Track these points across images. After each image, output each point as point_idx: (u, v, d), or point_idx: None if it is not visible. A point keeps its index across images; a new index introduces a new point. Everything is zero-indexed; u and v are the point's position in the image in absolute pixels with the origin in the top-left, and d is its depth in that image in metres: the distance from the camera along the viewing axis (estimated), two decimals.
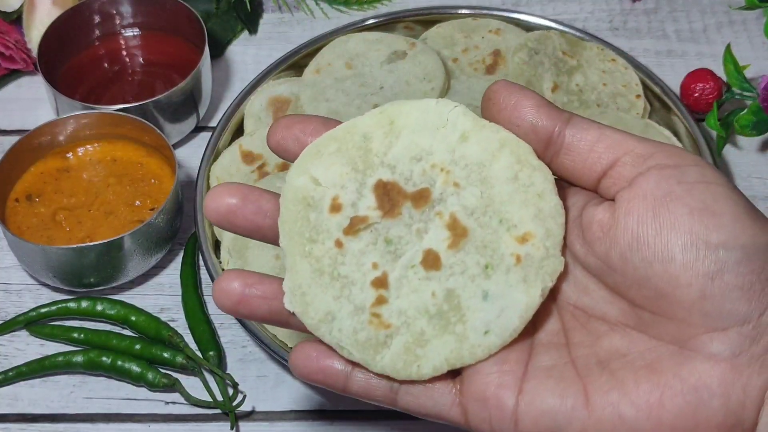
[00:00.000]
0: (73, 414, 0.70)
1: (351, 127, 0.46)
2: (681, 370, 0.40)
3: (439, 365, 0.44)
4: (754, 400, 0.39)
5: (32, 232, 0.75)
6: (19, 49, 0.89)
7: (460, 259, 0.45)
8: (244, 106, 0.83)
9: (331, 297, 0.45)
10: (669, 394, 0.39)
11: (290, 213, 0.45)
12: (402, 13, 0.90)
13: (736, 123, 0.80)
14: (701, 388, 0.39)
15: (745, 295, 0.39)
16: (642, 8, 0.96)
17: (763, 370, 0.39)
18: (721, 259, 0.39)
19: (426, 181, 0.46)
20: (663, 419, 0.39)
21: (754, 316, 0.39)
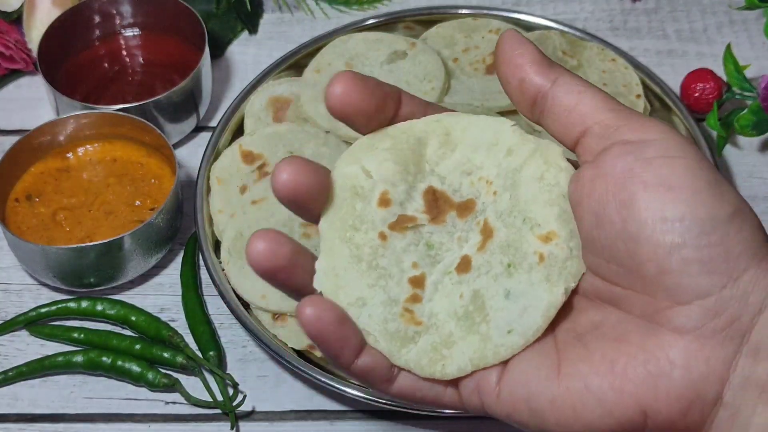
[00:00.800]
0: (73, 414, 0.70)
1: (407, 129, 0.46)
2: (646, 342, 0.40)
3: (464, 366, 0.44)
4: (717, 374, 0.39)
5: (32, 232, 0.75)
6: (19, 49, 0.89)
7: (486, 260, 0.45)
8: (244, 106, 0.83)
9: (366, 284, 0.44)
10: (632, 365, 0.40)
11: (336, 198, 0.45)
12: (402, 13, 0.90)
13: (737, 123, 0.80)
14: (663, 360, 0.39)
15: (705, 268, 0.39)
16: (642, 8, 0.96)
17: (727, 344, 0.39)
18: (678, 234, 0.39)
19: (472, 192, 0.46)
20: (625, 389, 0.40)
21: (715, 290, 0.39)
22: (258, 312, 0.71)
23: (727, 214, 0.39)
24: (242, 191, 0.76)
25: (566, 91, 0.43)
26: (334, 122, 0.79)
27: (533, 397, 0.42)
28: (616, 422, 0.40)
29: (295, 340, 0.70)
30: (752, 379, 0.39)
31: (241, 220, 0.74)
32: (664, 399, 0.39)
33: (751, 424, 0.39)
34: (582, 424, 0.41)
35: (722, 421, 0.39)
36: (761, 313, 0.39)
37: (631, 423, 0.40)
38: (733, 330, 0.39)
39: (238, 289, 0.71)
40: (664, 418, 0.40)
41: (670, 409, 0.39)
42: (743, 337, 0.39)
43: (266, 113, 0.83)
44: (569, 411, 0.41)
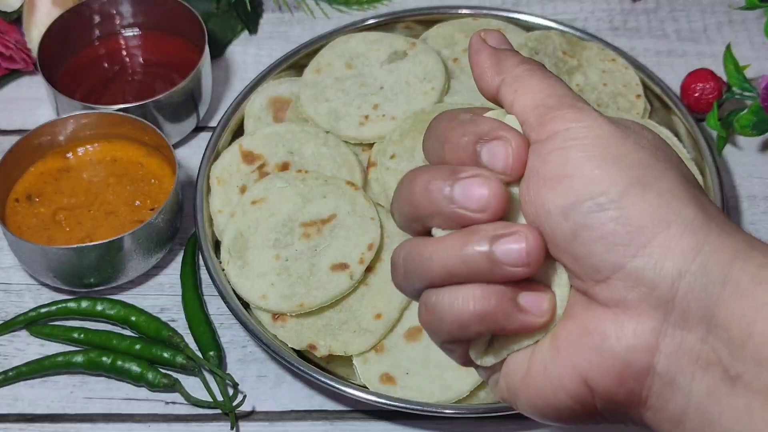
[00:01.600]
0: (73, 414, 0.70)
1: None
2: (582, 315, 0.42)
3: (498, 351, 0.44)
4: (645, 344, 0.40)
5: (32, 232, 0.75)
6: (19, 48, 0.89)
7: None
8: (244, 106, 0.83)
9: None
10: (574, 339, 0.41)
11: None
12: (402, 13, 0.90)
13: (737, 123, 0.80)
14: (595, 332, 0.41)
15: (608, 245, 0.40)
16: (642, 8, 0.96)
17: (651, 312, 0.40)
18: (574, 219, 0.40)
19: None
20: (569, 363, 0.41)
21: (625, 261, 0.40)
22: (258, 312, 0.71)
23: (621, 189, 0.40)
24: (242, 191, 0.76)
25: (506, 92, 0.45)
26: (333, 122, 0.79)
27: (510, 378, 0.44)
28: (567, 396, 0.42)
29: (295, 340, 0.70)
30: (684, 346, 0.40)
31: (241, 220, 0.74)
32: (598, 370, 0.41)
33: (692, 391, 0.40)
34: (544, 401, 0.43)
35: (661, 389, 0.40)
36: (681, 279, 0.39)
37: (581, 396, 0.42)
38: (654, 299, 0.40)
39: (238, 289, 0.71)
40: (603, 389, 0.41)
41: (605, 380, 0.41)
42: (667, 306, 0.40)
43: (266, 113, 0.83)
44: (532, 391, 0.43)
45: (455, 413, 0.66)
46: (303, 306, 0.70)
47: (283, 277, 0.71)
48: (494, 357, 0.44)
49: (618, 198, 0.40)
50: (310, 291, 0.70)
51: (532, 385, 0.43)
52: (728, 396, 0.39)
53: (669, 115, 0.83)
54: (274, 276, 0.71)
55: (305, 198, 0.74)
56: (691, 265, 0.39)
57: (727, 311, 0.38)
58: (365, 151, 0.79)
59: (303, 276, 0.71)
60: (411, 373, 0.68)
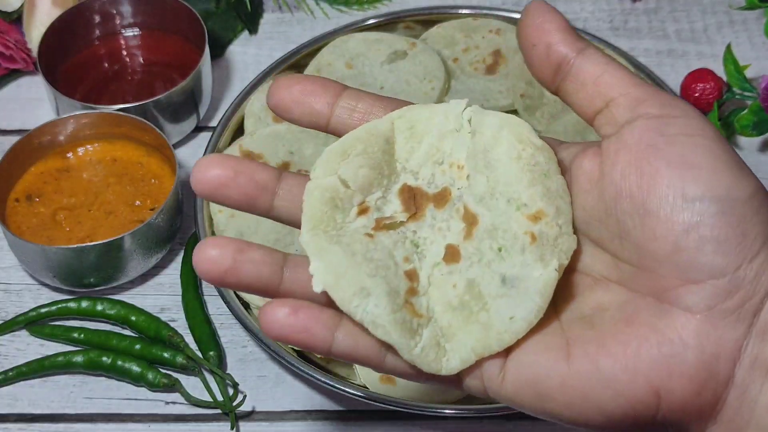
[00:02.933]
0: (73, 414, 0.70)
1: (373, 129, 0.46)
2: (657, 323, 0.40)
3: (466, 357, 0.43)
4: (728, 354, 0.39)
5: (32, 232, 0.75)
6: (19, 48, 0.89)
7: (476, 248, 0.44)
8: (244, 106, 0.83)
9: (366, 274, 0.43)
10: (645, 346, 0.40)
11: (316, 212, 0.44)
12: (402, 13, 0.90)
13: (737, 123, 0.80)
14: (676, 340, 0.39)
15: (720, 248, 0.39)
16: (642, 8, 0.96)
17: (738, 324, 0.39)
18: (696, 212, 0.39)
19: (446, 181, 0.46)
20: (638, 370, 0.40)
21: (729, 269, 0.39)
22: (258, 312, 0.71)
23: (746, 195, 0.40)
24: None
25: (592, 61, 0.44)
26: None
27: (540, 381, 0.41)
28: (627, 403, 0.40)
29: None
30: (760, 358, 0.39)
31: (240, 220, 0.74)
32: (678, 380, 0.39)
33: (758, 402, 0.39)
34: (593, 406, 0.40)
35: (733, 400, 0.40)
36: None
37: (644, 404, 0.40)
38: (744, 311, 0.39)
39: None
40: (677, 399, 0.40)
41: (683, 389, 0.39)
42: (754, 318, 0.39)
43: (266, 113, 0.83)
44: (579, 394, 0.41)
45: (455, 413, 0.66)
46: None
47: None
48: (462, 363, 0.43)
49: (741, 205, 0.40)
50: None
51: (578, 389, 0.41)
52: None
53: None
54: None
55: None
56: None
57: None
58: None
59: None
60: None
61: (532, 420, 0.69)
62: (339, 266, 0.43)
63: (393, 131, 0.46)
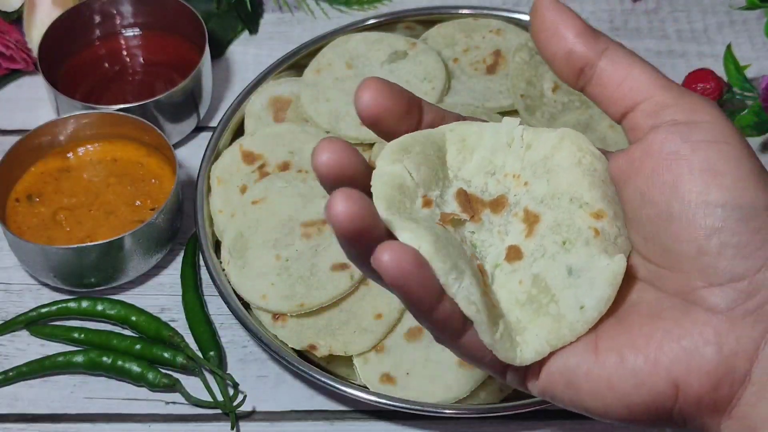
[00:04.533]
0: (74, 414, 0.70)
1: (427, 135, 0.47)
2: (681, 319, 0.41)
3: (541, 348, 0.44)
4: (746, 352, 0.41)
5: (33, 232, 0.75)
6: (19, 48, 0.89)
7: (539, 244, 0.45)
8: (244, 106, 0.83)
9: (457, 255, 0.43)
10: (667, 340, 0.41)
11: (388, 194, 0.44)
12: (402, 13, 0.90)
13: (737, 123, 0.80)
14: (697, 336, 0.41)
15: (741, 253, 0.40)
16: (643, 8, 0.96)
17: (757, 324, 0.41)
18: (719, 218, 0.41)
19: (501, 189, 0.47)
20: (660, 363, 0.41)
21: (749, 273, 0.40)
22: (258, 312, 0.71)
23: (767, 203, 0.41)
24: (242, 191, 0.76)
25: (616, 63, 0.44)
26: (334, 122, 0.79)
27: (569, 371, 0.43)
28: (648, 394, 0.41)
29: (295, 340, 0.70)
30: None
31: (241, 220, 0.74)
32: (696, 374, 0.41)
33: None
34: (616, 395, 0.42)
35: (749, 396, 0.41)
36: None
37: (664, 396, 0.41)
38: (763, 312, 0.40)
39: (238, 289, 0.71)
40: (695, 392, 0.41)
41: (701, 383, 0.41)
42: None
43: (267, 113, 0.83)
44: (604, 383, 0.42)
45: (455, 413, 0.66)
46: (303, 306, 0.70)
47: (284, 277, 0.71)
48: (536, 354, 0.43)
49: (763, 212, 0.41)
50: (310, 291, 0.70)
51: (603, 379, 0.42)
52: None
53: None
54: (274, 276, 0.71)
55: (306, 198, 0.74)
56: None
57: None
58: (365, 151, 0.79)
59: (303, 276, 0.71)
60: (411, 373, 0.68)
61: (532, 420, 0.69)
62: (433, 240, 0.42)
63: (445, 141, 0.47)
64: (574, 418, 0.69)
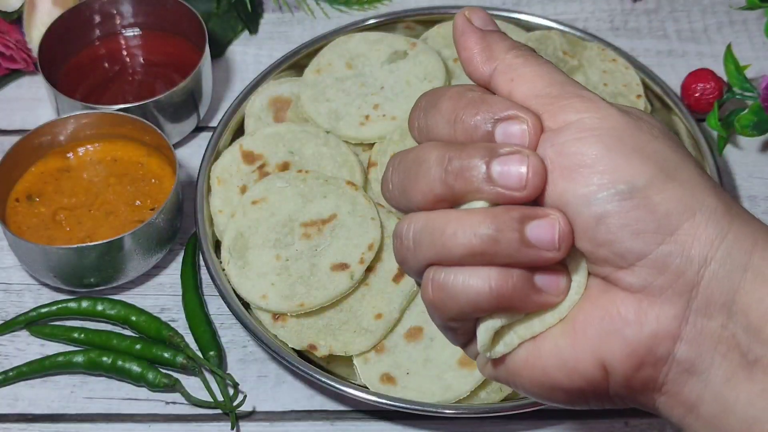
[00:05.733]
0: (74, 414, 0.70)
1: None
2: (601, 299, 0.41)
3: (510, 341, 0.43)
4: (667, 331, 0.40)
5: (33, 232, 0.75)
6: (19, 48, 0.89)
7: None
8: (244, 106, 0.83)
9: None
10: (591, 322, 0.41)
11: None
12: (403, 13, 0.90)
13: (737, 123, 0.80)
14: (616, 317, 0.41)
15: (633, 231, 0.40)
16: (643, 8, 0.96)
17: (675, 299, 0.40)
18: (599, 206, 0.40)
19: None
20: (585, 346, 0.41)
21: (650, 248, 0.40)
22: (258, 312, 0.71)
23: (646, 178, 0.40)
24: (242, 191, 0.76)
25: (502, 81, 0.44)
26: (334, 122, 0.79)
27: (510, 358, 0.43)
28: (580, 378, 0.41)
29: (295, 340, 0.70)
30: (705, 333, 0.40)
31: (241, 220, 0.74)
32: (618, 355, 0.40)
33: (710, 376, 0.40)
34: (553, 383, 0.42)
35: (677, 376, 0.40)
36: (706, 266, 0.40)
37: (595, 380, 0.41)
38: (679, 285, 0.40)
39: (238, 289, 0.71)
40: (620, 374, 0.41)
41: (623, 365, 0.41)
42: (691, 292, 0.40)
43: (267, 113, 0.83)
44: (539, 371, 0.42)
45: (455, 413, 0.66)
46: (303, 306, 0.70)
47: (284, 277, 0.71)
48: (505, 347, 0.43)
49: (643, 187, 0.40)
50: (310, 291, 0.70)
51: (539, 366, 0.42)
52: (746, 381, 0.39)
53: (669, 115, 0.83)
54: (274, 276, 0.71)
55: (306, 198, 0.74)
56: (717, 252, 0.40)
57: (747, 297, 0.39)
58: (365, 151, 0.79)
59: (303, 276, 0.71)
60: (411, 373, 0.68)
61: (532, 420, 0.69)
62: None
63: None
64: (575, 418, 0.69)
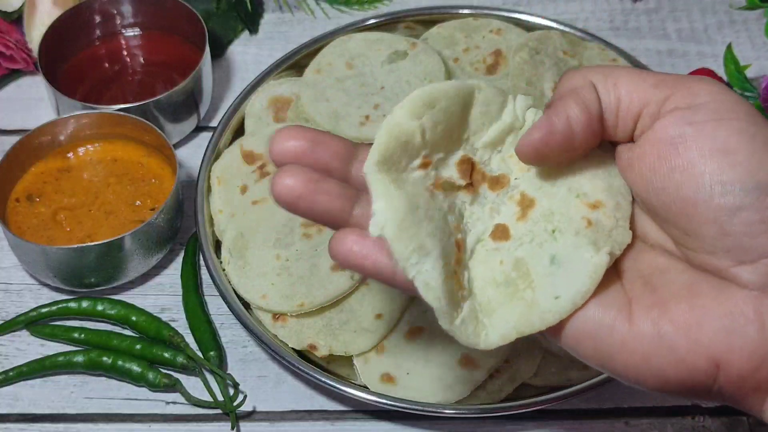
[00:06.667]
0: (74, 414, 0.70)
1: (459, 89, 0.46)
2: (719, 295, 0.41)
3: (507, 333, 0.43)
4: None
5: (33, 232, 0.75)
6: (19, 48, 0.89)
7: (528, 229, 0.45)
8: (244, 106, 0.83)
9: (426, 233, 0.43)
10: (707, 317, 0.40)
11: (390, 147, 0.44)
12: (403, 13, 0.90)
13: None
14: (737, 314, 0.40)
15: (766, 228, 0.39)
16: (643, 8, 0.96)
17: None
18: (737, 196, 0.40)
19: (504, 168, 0.47)
20: (700, 340, 0.40)
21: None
22: (258, 312, 0.71)
23: None
24: (243, 191, 0.76)
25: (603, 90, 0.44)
26: (334, 122, 0.79)
27: (601, 338, 0.42)
28: (687, 371, 0.41)
29: (295, 340, 0.70)
30: None
31: (241, 220, 0.74)
32: (738, 353, 0.40)
33: None
34: (652, 370, 0.41)
35: None
36: None
37: (703, 373, 0.41)
38: None
39: (238, 289, 0.71)
40: (735, 372, 0.40)
41: (742, 363, 0.40)
42: None
43: (267, 113, 0.83)
44: (639, 356, 0.41)
45: (455, 413, 0.66)
46: (303, 306, 0.70)
47: (284, 277, 0.71)
48: (501, 338, 0.43)
49: None
50: (310, 291, 0.70)
51: (639, 352, 0.41)
52: None
53: None
54: (274, 276, 0.71)
55: None
56: None
57: None
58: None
59: (304, 276, 0.71)
60: (411, 373, 0.68)
61: (533, 420, 0.69)
62: (403, 217, 0.42)
63: (473, 99, 0.47)
64: (575, 418, 0.69)
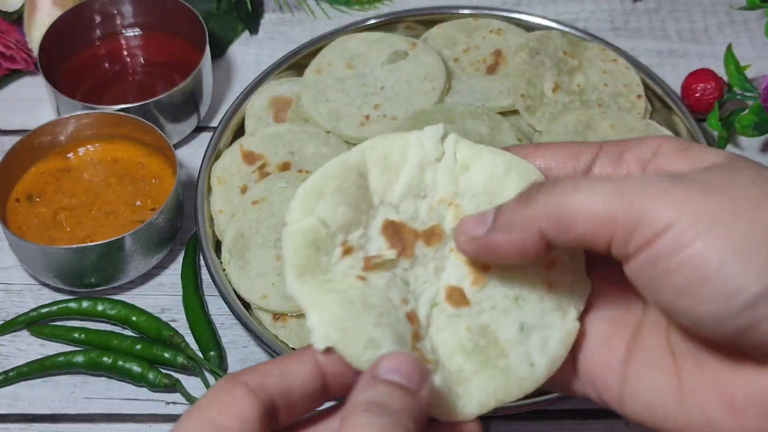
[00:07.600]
0: (74, 414, 0.70)
1: (344, 164, 0.44)
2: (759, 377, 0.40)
3: (486, 401, 0.43)
4: None
5: (33, 232, 0.75)
6: (20, 49, 0.89)
7: (487, 295, 0.44)
8: (245, 106, 0.83)
9: (371, 324, 0.41)
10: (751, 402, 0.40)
11: (300, 256, 0.42)
12: (403, 13, 0.90)
13: (738, 123, 0.80)
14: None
15: None
16: (643, 8, 0.96)
17: None
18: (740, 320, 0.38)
19: (435, 217, 0.44)
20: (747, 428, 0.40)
21: None
22: (259, 312, 0.71)
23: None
24: (243, 191, 0.76)
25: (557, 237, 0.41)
26: (334, 122, 0.79)
27: (656, 410, 0.42)
28: None
29: (295, 340, 0.70)
30: None
31: (241, 221, 0.74)
32: None
33: None
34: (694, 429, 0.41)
35: None
36: None
37: None
38: None
39: (238, 289, 0.71)
40: None
41: None
42: None
43: (267, 113, 0.83)
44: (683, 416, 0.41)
45: None
46: None
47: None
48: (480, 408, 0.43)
49: None
50: None
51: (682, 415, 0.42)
52: None
53: (670, 115, 0.83)
54: (275, 276, 0.71)
55: None
56: None
57: None
58: None
59: None
60: None
61: (533, 420, 0.69)
62: (342, 319, 0.40)
63: (365, 164, 0.44)
64: (575, 418, 0.69)
